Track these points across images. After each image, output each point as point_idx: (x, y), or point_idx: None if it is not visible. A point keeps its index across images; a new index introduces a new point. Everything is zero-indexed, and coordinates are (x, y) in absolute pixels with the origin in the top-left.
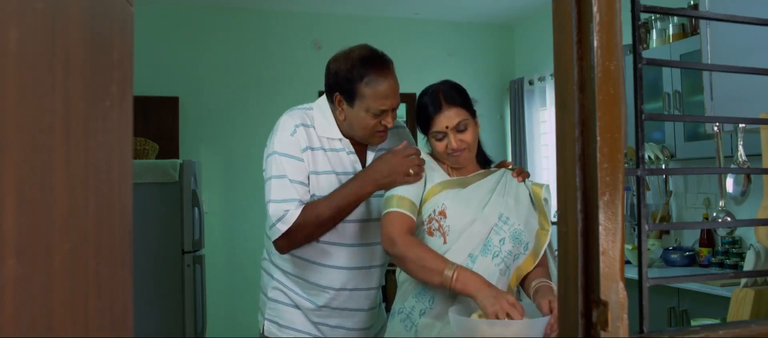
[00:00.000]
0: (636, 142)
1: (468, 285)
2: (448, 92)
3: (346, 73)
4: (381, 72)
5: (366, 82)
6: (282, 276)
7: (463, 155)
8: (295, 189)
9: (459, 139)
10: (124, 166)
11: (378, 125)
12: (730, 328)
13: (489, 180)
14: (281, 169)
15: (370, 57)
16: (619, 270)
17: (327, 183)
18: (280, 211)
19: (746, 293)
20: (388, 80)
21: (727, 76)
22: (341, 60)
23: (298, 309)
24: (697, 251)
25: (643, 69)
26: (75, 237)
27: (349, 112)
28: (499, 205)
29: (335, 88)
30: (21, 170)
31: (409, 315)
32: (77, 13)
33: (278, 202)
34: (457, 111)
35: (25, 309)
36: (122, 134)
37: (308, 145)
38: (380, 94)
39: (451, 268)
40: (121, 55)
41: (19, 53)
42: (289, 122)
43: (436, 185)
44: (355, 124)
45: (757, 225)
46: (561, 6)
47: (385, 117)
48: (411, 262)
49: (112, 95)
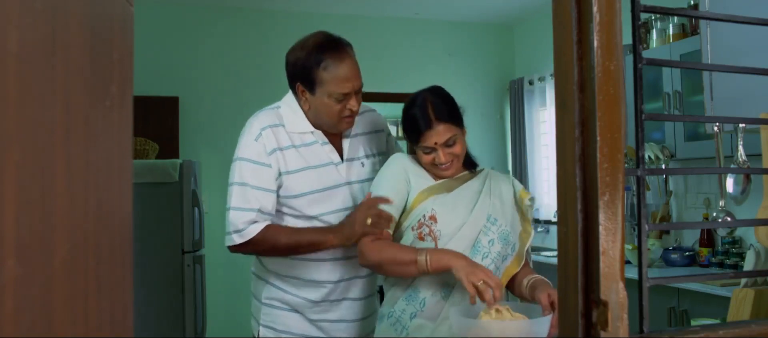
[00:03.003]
0: (636, 142)
1: (442, 260)
2: (438, 106)
3: (304, 61)
4: (338, 55)
5: (324, 67)
6: (276, 278)
7: (451, 168)
8: (255, 198)
9: (448, 153)
10: (124, 166)
11: (344, 110)
12: (730, 328)
13: (474, 182)
14: (242, 175)
15: (326, 42)
16: (619, 270)
17: (303, 181)
18: (238, 222)
19: (746, 293)
20: (346, 62)
21: (727, 76)
22: (298, 49)
23: (295, 311)
24: (697, 251)
25: (643, 69)
26: (75, 237)
27: (313, 100)
28: (486, 207)
29: (296, 78)
30: (21, 170)
31: (399, 319)
32: (77, 13)
33: (237, 210)
34: (446, 127)
35: (25, 309)
36: (122, 134)
37: (277, 146)
38: (340, 78)
39: (422, 253)
40: (121, 55)
41: (19, 53)
42: (256, 126)
43: (422, 191)
44: (320, 112)
45: (757, 225)
46: (561, 6)
47: (349, 100)
48: (385, 264)
49: (112, 95)
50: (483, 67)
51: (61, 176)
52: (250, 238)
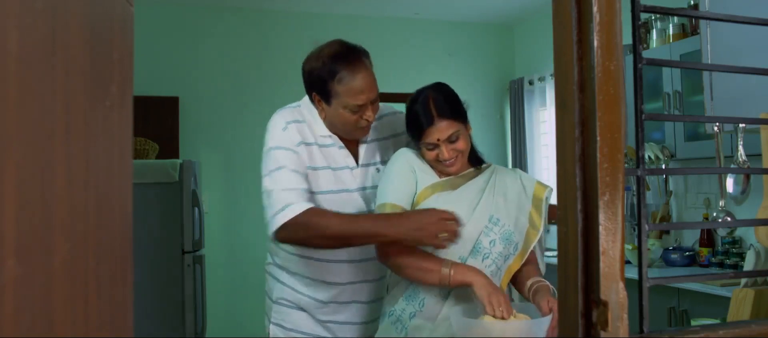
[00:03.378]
0: (636, 142)
1: (466, 276)
2: (440, 103)
3: (319, 72)
4: (353, 67)
5: (338, 80)
6: (288, 276)
7: (455, 164)
8: (296, 179)
9: (451, 149)
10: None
11: (359, 120)
12: (730, 328)
13: (478, 180)
14: (278, 161)
15: (341, 52)
16: (619, 270)
17: (323, 179)
18: (283, 200)
19: (746, 293)
20: (361, 74)
21: (727, 76)
22: (313, 59)
23: (303, 311)
24: (697, 251)
25: (643, 69)
26: (75, 237)
27: (328, 110)
28: (489, 207)
29: (312, 88)
30: (21, 170)
31: (399, 318)
32: (77, 13)
33: (280, 191)
34: (448, 123)
35: (25, 309)
36: (122, 134)
37: (302, 140)
38: (355, 91)
39: (447, 265)
40: (121, 55)
41: (19, 53)
42: (280, 120)
43: (427, 188)
44: (335, 122)
45: (757, 225)
46: (561, 6)
47: (365, 111)
48: (408, 267)
49: (112, 95)
50: (483, 67)
51: (61, 176)
52: (297, 216)
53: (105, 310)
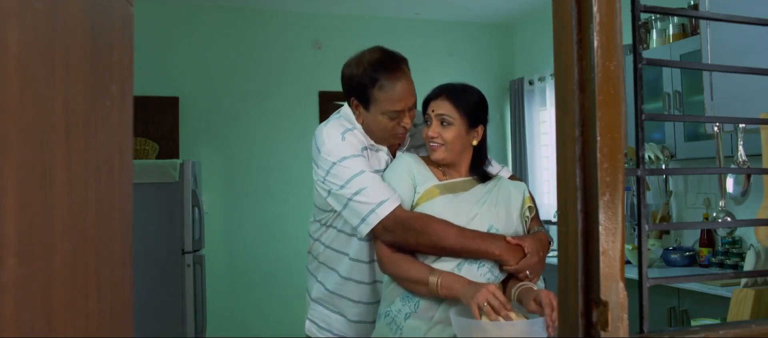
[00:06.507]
0: (636, 142)
1: (452, 289)
2: (454, 87)
3: (359, 78)
4: (393, 74)
5: (379, 87)
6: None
7: (437, 151)
8: (379, 177)
9: (436, 129)
10: (124, 166)
11: (396, 126)
12: (730, 328)
13: (480, 189)
14: (353, 169)
15: (382, 60)
16: (619, 270)
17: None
18: (379, 195)
19: (746, 293)
20: (401, 81)
21: (727, 76)
22: (354, 65)
23: (337, 313)
24: (697, 251)
25: (643, 69)
26: (75, 237)
27: (366, 116)
28: (489, 216)
29: (351, 93)
30: (21, 170)
31: (394, 319)
32: (77, 13)
33: (369, 190)
34: (449, 106)
35: (25, 309)
36: (122, 134)
37: (362, 145)
38: (394, 97)
39: (435, 275)
40: (121, 55)
41: (19, 53)
42: (334, 132)
43: (428, 190)
44: (373, 127)
45: (757, 225)
46: (561, 6)
47: (402, 117)
48: (399, 279)
49: (112, 95)
50: (483, 67)
51: (61, 176)
52: (412, 214)
53: (105, 310)
